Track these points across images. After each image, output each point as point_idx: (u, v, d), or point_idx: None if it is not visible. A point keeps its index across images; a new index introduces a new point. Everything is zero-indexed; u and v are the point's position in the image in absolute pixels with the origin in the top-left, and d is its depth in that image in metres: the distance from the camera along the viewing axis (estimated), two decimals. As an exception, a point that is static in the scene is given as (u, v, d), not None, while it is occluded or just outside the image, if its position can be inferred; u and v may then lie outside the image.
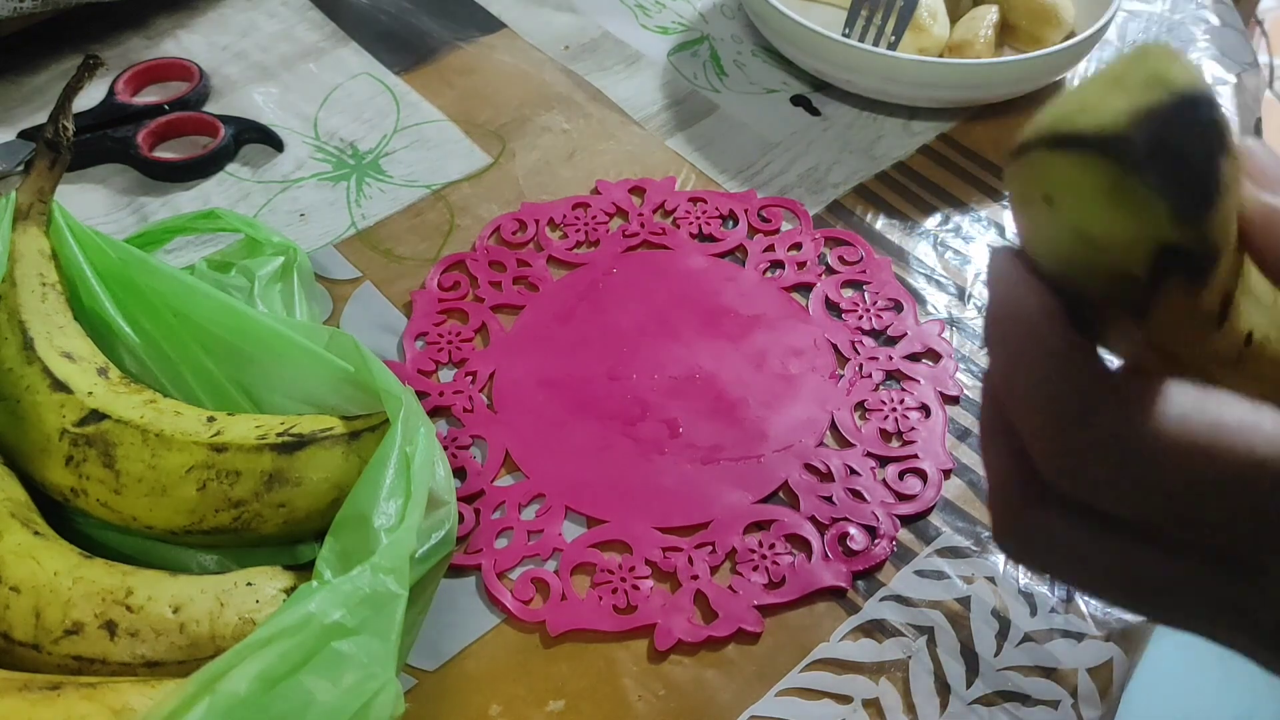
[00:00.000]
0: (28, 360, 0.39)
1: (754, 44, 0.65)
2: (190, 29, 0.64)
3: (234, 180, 0.56)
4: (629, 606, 0.40)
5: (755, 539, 0.42)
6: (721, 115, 0.60)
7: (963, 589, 0.41)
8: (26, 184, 0.43)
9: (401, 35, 0.64)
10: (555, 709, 0.38)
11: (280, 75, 0.62)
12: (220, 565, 0.39)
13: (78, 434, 0.38)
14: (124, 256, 0.42)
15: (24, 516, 0.37)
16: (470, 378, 0.47)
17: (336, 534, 0.33)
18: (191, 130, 0.58)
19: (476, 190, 0.56)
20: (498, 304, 0.50)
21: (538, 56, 0.64)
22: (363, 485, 0.34)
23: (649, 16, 0.67)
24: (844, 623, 0.40)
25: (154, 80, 0.60)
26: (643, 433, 0.45)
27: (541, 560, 0.41)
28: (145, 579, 0.34)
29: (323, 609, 0.30)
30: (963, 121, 0.60)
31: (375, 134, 0.58)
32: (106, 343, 0.42)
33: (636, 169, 0.57)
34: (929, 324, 0.50)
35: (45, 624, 0.33)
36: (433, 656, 0.39)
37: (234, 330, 0.41)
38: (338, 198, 0.55)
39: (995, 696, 0.38)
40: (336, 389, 0.40)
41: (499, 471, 0.44)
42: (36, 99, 0.59)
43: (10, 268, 0.41)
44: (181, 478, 0.37)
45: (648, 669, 0.39)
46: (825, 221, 0.55)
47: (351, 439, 0.37)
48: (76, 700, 0.30)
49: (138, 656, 0.33)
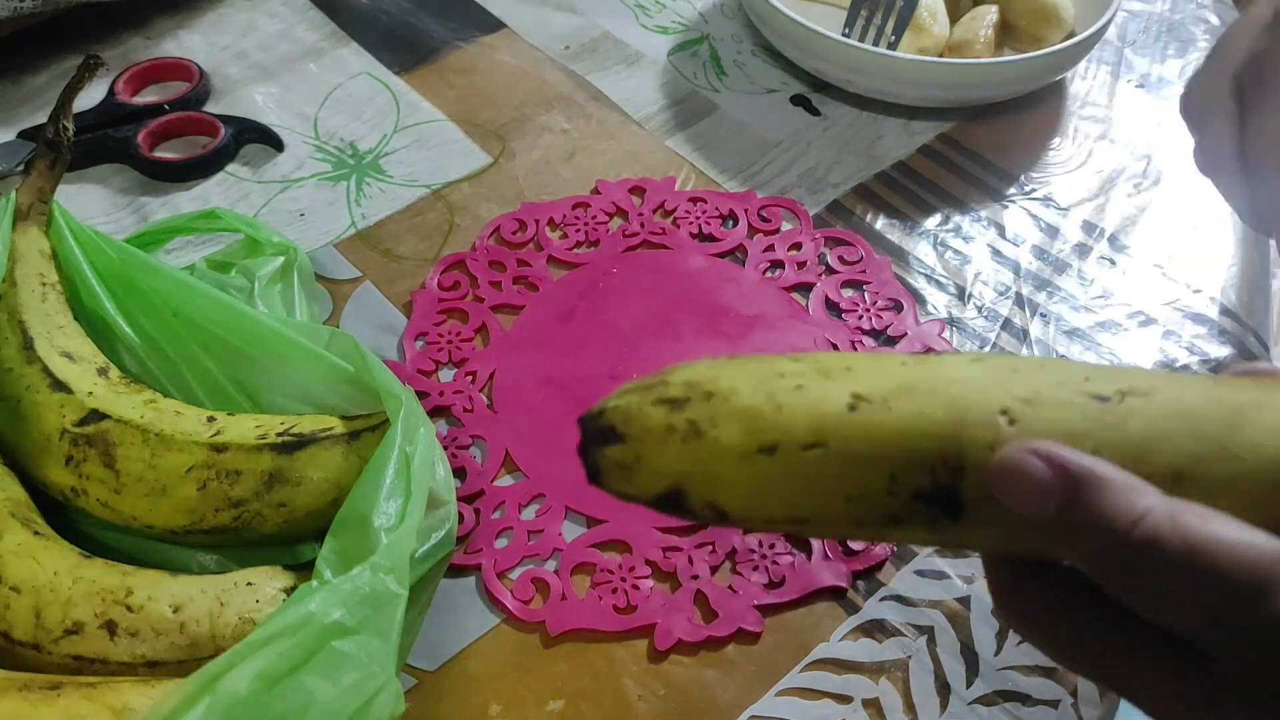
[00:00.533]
0: (28, 360, 0.39)
1: (754, 44, 0.65)
2: (190, 29, 0.64)
3: (234, 180, 0.56)
4: (629, 606, 0.40)
5: (755, 539, 0.42)
6: (721, 115, 0.60)
7: (963, 588, 0.41)
8: (26, 184, 0.43)
9: (401, 35, 0.64)
10: (555, 709, 0.38)
11: (280, 75, 0.62)
12: (220, 565, 0.39)
13: (78, 434, 0.38)
14: (124, 256, 0.42)
15: (24, 516, 0.37)
16: (470, 378, 0.47)
17: (336, 534, 0.33)
18: (191, 130, 0.58)
19: (476, 190, 0.56)
20: (498, 304, 0.50)
21: (538, 56, 0.64)
22: (363, 485, 0.34)
23: (649, 16, 0.67)
24: (844, 622, 0.40)
25: (154, 80, 0.60)
26: (643, 432, 0.45)
27: (541, 560, 0.41)
28: (145, 579, 0.34)
29: (323, 608, 0.30)
30: (963, 121, 0.60)
31: (375, 134, 0.58)
32: (106, 343, 0.42)
33: (636, 169, 0.57)
34: (929, 324, 0.50)
35: (45, 624, 0.33)
36: (433, 656, 0.39)
37: (234, 330, 0.41)
38: (338, 198, 0.55)
39: (995, 696, 0.38)
40: (336, 389, 0.40)
41: (499, 471, 0.44)
42: (36, 99, 0.59)
43: (10, 268, 0.41)
44: (181, 477, 0.37)
45: (648, 669, 0.39)
46: (825, 221, 0.55)
47: (351, 439, 0.37)
48: (76, 700, 0.30)
49: (138, 656, 0.33)
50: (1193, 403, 0.22)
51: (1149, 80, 0.65)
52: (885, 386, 0.22)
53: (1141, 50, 0.67)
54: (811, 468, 0.22)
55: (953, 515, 0.22)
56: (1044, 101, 0.62)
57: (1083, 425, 0.22)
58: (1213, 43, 0.67)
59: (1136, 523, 0.21)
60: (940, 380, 0.23)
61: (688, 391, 0.23)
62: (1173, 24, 0.69)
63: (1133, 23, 0.69)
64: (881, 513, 0.22)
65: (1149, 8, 0.70)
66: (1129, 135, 0.61)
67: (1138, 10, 0.70)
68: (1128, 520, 0.21)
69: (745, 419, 0.22)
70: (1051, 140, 0.60)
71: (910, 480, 0.22)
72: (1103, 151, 0.60)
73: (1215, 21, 0.69)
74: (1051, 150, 0.59)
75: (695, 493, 0.23)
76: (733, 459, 0.22)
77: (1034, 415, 0.22)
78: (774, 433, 0.22)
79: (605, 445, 0.24)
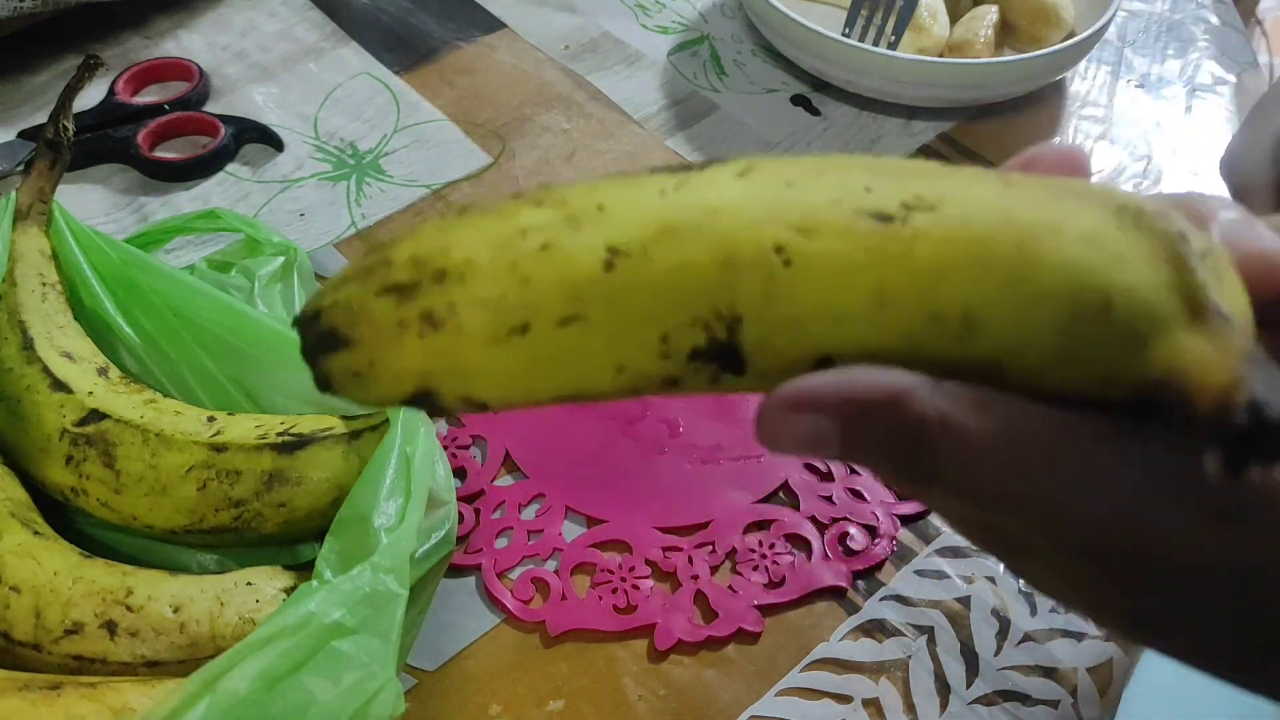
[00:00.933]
0: (28, 360, 0.39)
1: (754, 44, 0.65)
2: (190, 29, 0.64)
3: (234, 180, 0.56)
4: (629, 606, 0.40)
5: (755, 538, 0.42)
6: (721, 115, 0.60)
7: (963, 588, 0.41)
8: (26, 184, 0.43)
9: (401, 35, 0.64)
10: (555, 709, 0.38)
11: (280, 75, 0.62)
12: (220, 565, 0.39)
13: (78, 434, 0.38)
14: (124, 256, 0.42)
15: (24, 516, 0.37)
16: (470, 377, 0.47)
17: (336, 533, 0.33)
18: (191, 130, 0.58)
19: (476, 190, 0.56)
20: (498, 304, 0.50)
21: (538, 56, 0.64)
22: (363, 485, 0.34)
23: (649, 16, 0.67)
24: (844, 622, 0.40)
25: (154, 80, 0.60)
26: (643, 432, 0.45)
27: (541, 560, 0.42)
28: (145, 579, 0.34)
29: (323, 608, 0.30)
30: (963, 121, 0.60)
31: (375, 134, 0.58)
32: (106, 343, 0.42)
33: (636, 169, 0.57)
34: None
35: (45, 624, 0.33)
36: (433, 656, 0.39)
37: (234, 330, 0.41)
38: (338, 197, 0.55)
39: (995, 696, 0.38)
40: (336, 389, 0.40)
41: (499, 471, 0.44)
42: (36, 99, 0.59)
43: (10, 267, 0.41)
44: (182, 477, 0.37)
45: (648, 669, 0.39)
46: (825, 221, 0.55)
47: (352, 439, 0.37)
48: (76, 700, 0.30)
49: (138, 656, 0.33)
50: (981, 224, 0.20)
51: (1149, 80, 0.65)
52: (643, 231, 0.20)
53: (1141, 50, 0.67)
54: (571, 342, 0.20)
55: (735, 370, 0.20)
56: (1044, 101, 0.62)
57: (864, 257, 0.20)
58: (1213, 42, 0.67)
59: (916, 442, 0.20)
60: (703, 213, 0.20)
61: (415, 273, 0.20)
62: (1173, 24, 0.69)
63: (1133, 23, 0.69)
64: (657, 377, 0.20)
65: (1149, 8, 0.70)
66: (1129, 135, 0.61)
67: (1138, 10, 0.70)
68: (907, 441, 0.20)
69: (487, 302, 0.20)
70: (1051, 140, 0.60)
71: (684, 339, 0.20)
72: (1103, 151, 0.60)
73: (1215, 21, 0.69)
74: (1051, 150, 0.59)
75: (445, 389, 0.20)
76: (479, 347, 0.20)
77: (810, 249, 0.20)
78: (523, 312, 0.19)
79: (331, 352, 0.21)
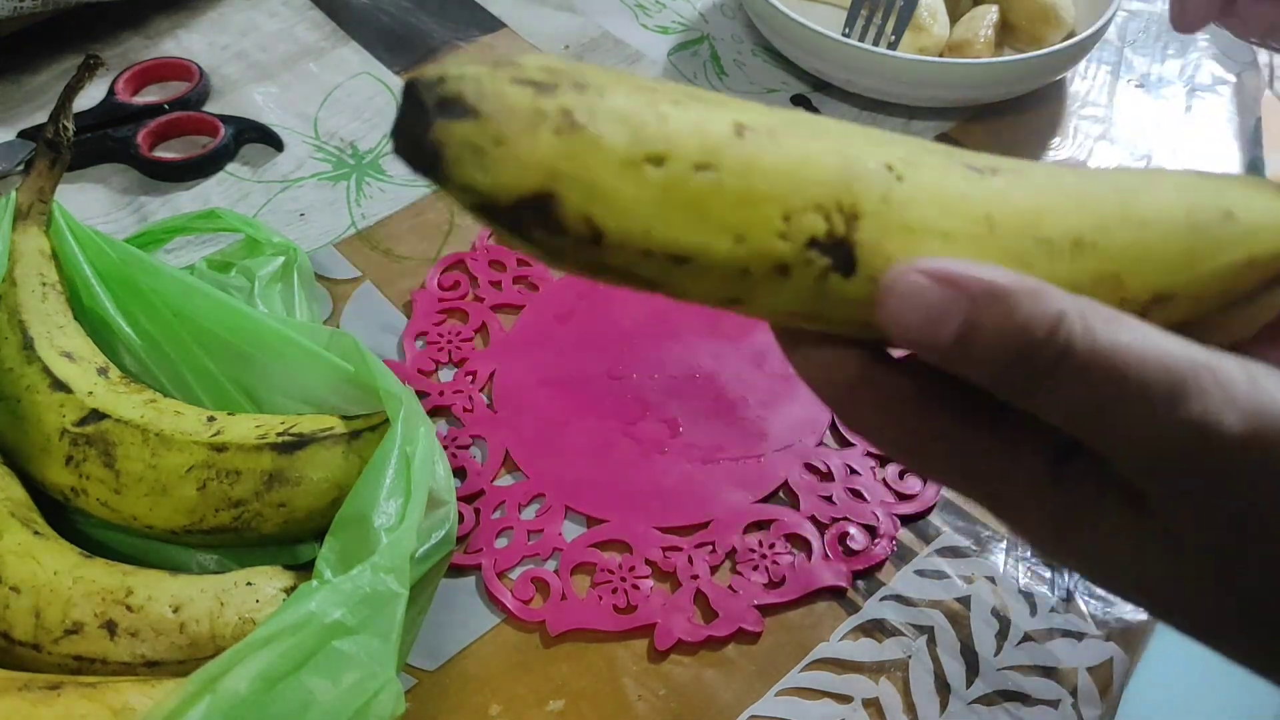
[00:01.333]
0: (28, 360, 0.39)
1: (754, 44, 0.65)
2: (190, 29, 0.64)
3: (234, 180, 0.56)
4: (629, 606, 0.40)
5: (755, 538, 0.42)
6: (721, 115, 0.60)
7: (963, 588, 0.41)
8: (26, 184, 0.43)
9: (401, 35, 0.64)
10: (555, 709, 0.38)
11: (280, 75, 0.62)
12: (220, 565, 0.39)
13: (78, 434, 0.38)
14: (124, 256, 0.42)
15: (24, 516, 0.37)
16: (470, 377, 0.47)
17: (336, 533, 0.33)
18: (191, 130, 0.58)
19: (476, 190, 0.56)
20: (498, 304, 0.50)
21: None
22: (363, 485, 0.34)
23: (649, 16, 0.67)
24: (844, 622, 0.40)
25: (154, 80, 0.60)
26: (643, 432, 0.45)
27: (541, 560, 0.42)
28: (145, 579, 0.34)
29: (323, 608, 0.30)
30: (963, 121, 0.60)
31: (375, 133, 0.58)
32: (106, 343, 0.42)
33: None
34: (929, 324, 0.50)
35: (45, 624, 0.33)
36: (433, 656, 0.39)
37: (234, 330, 0.41)
38: (338, 197, 0.55)
39: (995, 696, 0.38)
40: (336, 389, 0.40)
41: (499, 471, 0.44)
42: (36, 99, 0.59)
43: (10, 267, 0.41)
44: (181, 477, 0.37)
45: (648, 669, 0.39)
46: (825, 221, 0.55)
47: (351, 439, 0.37)
48: (76, 700, 0.30)
49: (138, 656, 0.33)
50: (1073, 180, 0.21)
51: (1149, 80, 0.65)
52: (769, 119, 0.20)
53: (1141, 50, 0.67)
54: (703, 192, 0.19)
55: (845, 270, 0.20)
56: (1044, 101, 0.62)
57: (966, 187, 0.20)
58: (1213, 42, 0.67)
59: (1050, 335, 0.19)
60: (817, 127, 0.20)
61: (553, 77, 0.18)
62: (1173, 24, 0.69)
63: (1133, 23, 0.69)
64: (771, 260, 0.19)
65: (1149, 8, 0.70)
66: (1129, 135, 0.61)
67: (1138, 10, 0.70)
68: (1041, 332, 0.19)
69: (628, 120, 0.18)
70: (1051, 140, 0.60)
71: (804, 223, 0.19)
72: (1103, 151, 0.60)
73: (1215, 21, 0.69)
74: (1051, 150, 0.59)
75: (570, 198, 0.18)
76: (616, 164, 0.18)
77: (917, 176, 0.20)
78: (661, 142, 0.18)
79: (452, 119, 0.17)
